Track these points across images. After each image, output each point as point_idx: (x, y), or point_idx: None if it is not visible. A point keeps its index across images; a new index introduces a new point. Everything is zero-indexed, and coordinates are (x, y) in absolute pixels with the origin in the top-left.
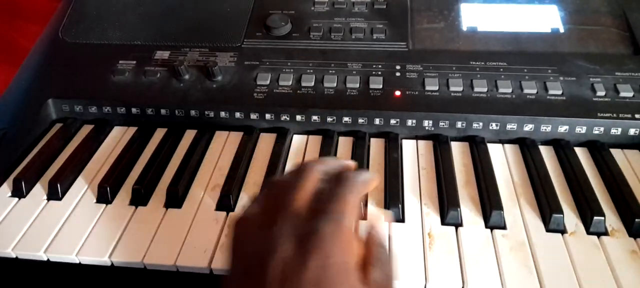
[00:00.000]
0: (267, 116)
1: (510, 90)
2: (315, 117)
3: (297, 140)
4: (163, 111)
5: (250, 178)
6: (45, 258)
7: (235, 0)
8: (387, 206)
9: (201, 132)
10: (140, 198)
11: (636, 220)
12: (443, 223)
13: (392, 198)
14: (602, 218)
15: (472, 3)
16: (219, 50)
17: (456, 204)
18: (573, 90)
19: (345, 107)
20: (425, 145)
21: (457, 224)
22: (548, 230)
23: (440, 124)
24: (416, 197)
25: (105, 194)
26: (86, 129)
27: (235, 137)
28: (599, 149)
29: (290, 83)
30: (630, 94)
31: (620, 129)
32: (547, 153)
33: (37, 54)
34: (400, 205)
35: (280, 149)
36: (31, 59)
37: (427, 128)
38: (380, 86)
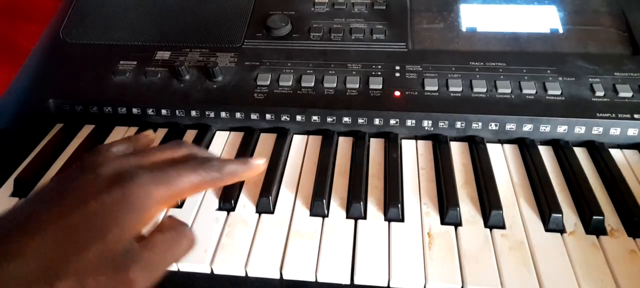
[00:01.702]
0: (268, 116)
1: (509, 91)
2: (315, 117)
3: (297, 140)
4: (164, 111)
5: (250, 179)
6: None
7: (235, 0)
8: (386, 206)
9: (201, 132)
10: None
11: (635, 220)
12: (442, 222)
13: (392, 198)
14: (602, 218)
15: (472, 3)
16: (220, 50)
17: (455, 204)
18: (572, 90)
19: (345, 107)
20: (424, 145)
21: (457, 224)
22: (547, 230)
23: (440, 124)
24: (416, 196)
25: None
26: (87, 129)
27: (236, 137)
28: (598, 149)
29: (290, 83)
30: (629, 94)
31: (619, 129)
32: (546, 154)
33: (38, 54)
34: (399, 205)
35: (280, 149)
36: (32, 59)
37: (426, 128)
38: (380, 86)
